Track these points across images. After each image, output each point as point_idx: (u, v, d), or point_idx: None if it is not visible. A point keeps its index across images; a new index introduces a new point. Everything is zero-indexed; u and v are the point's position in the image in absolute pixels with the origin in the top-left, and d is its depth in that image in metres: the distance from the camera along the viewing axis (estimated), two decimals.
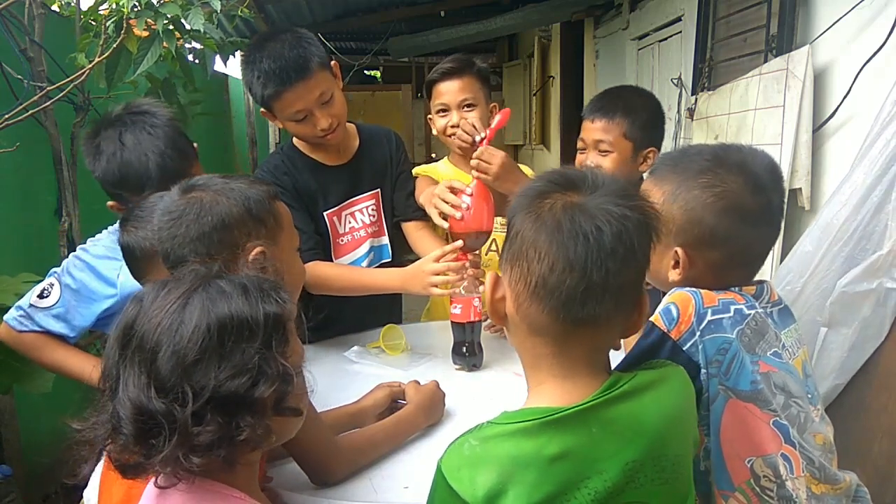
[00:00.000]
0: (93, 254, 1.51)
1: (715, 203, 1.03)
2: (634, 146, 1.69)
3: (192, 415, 0.75)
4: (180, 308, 0.79)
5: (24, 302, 1.51)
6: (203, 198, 1.06)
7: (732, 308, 1.01)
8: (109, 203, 1.54)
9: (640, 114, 1.70)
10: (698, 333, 0.99)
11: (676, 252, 1.06)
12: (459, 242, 1.57)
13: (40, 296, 1.49)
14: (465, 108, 1.88)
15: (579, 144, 1.78)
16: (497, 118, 1.63)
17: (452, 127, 1.87)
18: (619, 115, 1.68)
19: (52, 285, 1.49)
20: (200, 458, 0.76)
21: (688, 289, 1.03)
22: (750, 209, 1.04)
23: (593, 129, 1.71)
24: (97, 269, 1.49)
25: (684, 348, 0.99)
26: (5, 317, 1.51)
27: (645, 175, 1.63)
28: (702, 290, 1.02)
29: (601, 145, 1.70)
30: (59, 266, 1.54)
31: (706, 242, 1.05)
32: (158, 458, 0.75)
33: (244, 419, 0.78)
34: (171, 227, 1.05)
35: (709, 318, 0.99)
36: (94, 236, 1.58)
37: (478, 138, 1.65)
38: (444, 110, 1.90)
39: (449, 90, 1.88)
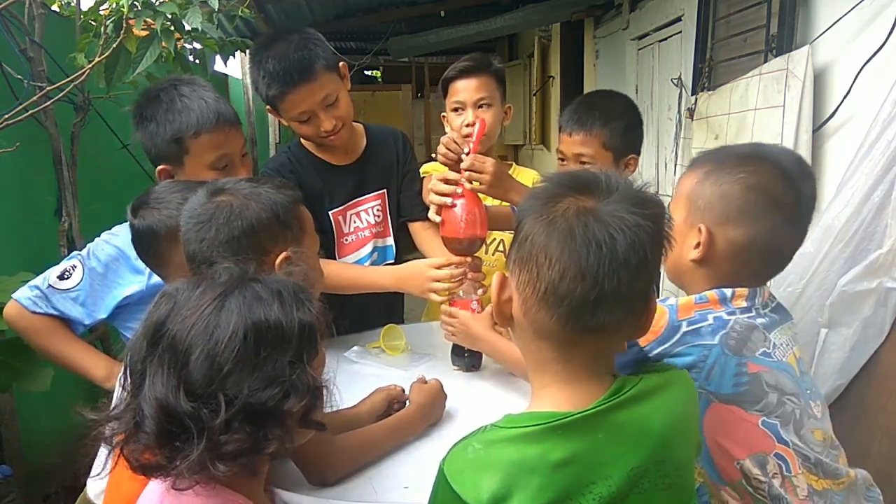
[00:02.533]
0: (123, 238, 1.48)
1: (747, 181, 1.07)
2: (614, 155, 1.67)
3: (222, 422, 0.74)
4: (216, 310, 0.78)
5: (39, 282, 1.46)
6: (233, 202, 1.07)
7: (711, 317, 1.04)
8: (160, 168, 1.53)
9: (617, 122, 1.67)
10: (668, 344, 1.03)
11: (700, 229, 1.08)
12: (467, 259, 1.57)
13: (61, 277, 1.45)
14: (481, 108, 1.87)
15: (559, 156, 1.77)
16: (475, 129, 1.61)
17: (467, 126, 1.86)
18: (597, 127, 1.66)
19: (74, 267, 1.46)
20: (227, 465, 0.75)
21: (667, 303, 1.06)
22: (780, 197, 1.06)
23: (572, 143, 1.69)
24: (126, 254, 1.46)
25: (650, 355, 1.04)
26: (16, 295, 1.47)
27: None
28: (679, 302, 1.06)
29: (582, 158, 1.68)
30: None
31: (732, 219, 1.08)
32: (185, 462, 0.74)
33: (272, 431, 0.77)
34: (200, 229, 1.06)
35: (684, 329, 1.03)
36: (110, 229, 1.56)
37: (463, 154, 1.62)
38: (459, 108, 1.89)
39: (466, 88, 1.87)
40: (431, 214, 1.64)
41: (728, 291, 1.07)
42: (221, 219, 1.06)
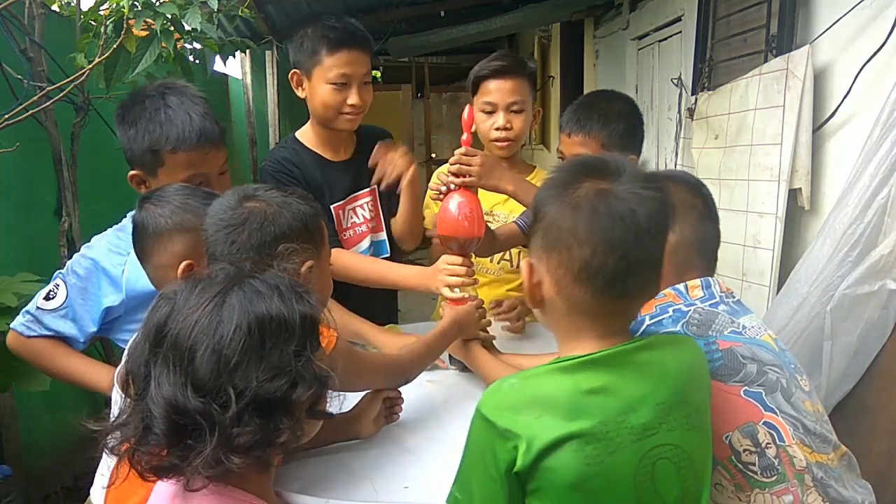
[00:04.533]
0: (98, 249, 1.50)
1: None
2: None
3: (233, 415, 0.75)
4: (217, 307, 0.79)
5: (30, 307, 1.49)
6: (266, 209, 1.11)
7: (671, 309, 1.11)
8: (132, 173, 1.51)
9: (616, 124, 1.68)
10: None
11: None
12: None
13: (46, 298, 1.47)
14: (513, 111, 1.84)
15: (559, 156, 1.77)
16: (464, 115, 1.56)
17: (497, 129, 1.84)
18: (595, 129, 1.67)
19: (57, 286, 1.48)
20: (241, 458, 0.76)
21: None
22: (691, 202, 1.19)
23: (571, 144, 1.70)
24: (101, 265, 1.47)
25: None
26: (12, 324, 1.50)
27: None
28: None
29: None
30: (62, 268, 1.53)
31: None
32: (199, 459, 0.74)
33: (282, 421, 0.78)
34: (231, 232, 1.09)
35: (647, 323, 1.10)
36: (99, 234, 1.56)
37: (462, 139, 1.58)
38: (490, 111, 1.85)
39: (500, 89, 1.83)
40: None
41: (681, 286, 1.14)
42: (255, 224, 1.09)
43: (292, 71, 1.79)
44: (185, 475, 0.78)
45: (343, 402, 0.95)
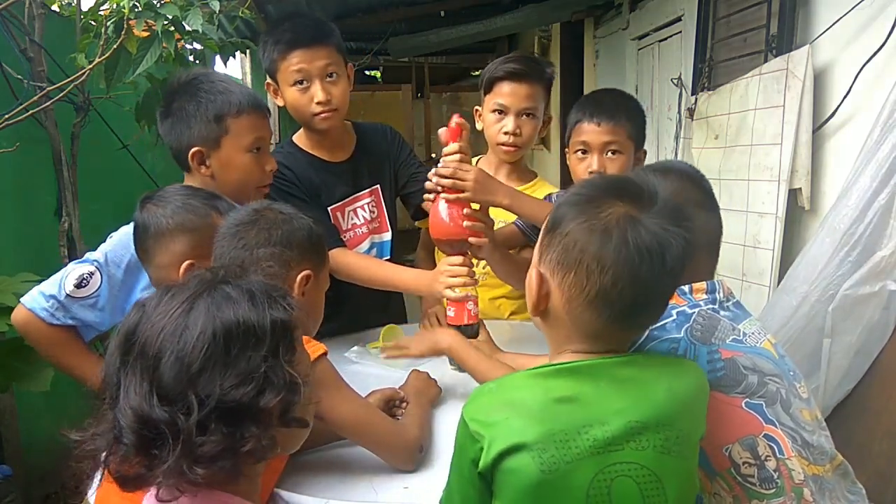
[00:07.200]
0: None
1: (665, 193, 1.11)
2: (634, 148, 1.71)
3: (196, 424, 0.73)
4: (184, 313, 0.77)
5: (54, 291, 1.40)
6: (277, 216, 1.18)
7: (674, 312, 1.08)
8: (194, 150, 1.50)
9: (637, 116, 1.71)
10: (639, 341, 1.08)
11: None
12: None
13: (78, 285, 1.40)
14: (524, 116, 1.82)
15: (579, 147, 1.72)
16: (451, 123, 1.51)
17: (505, 134, 1.82)
18: (623, 118, 1.68)
19: (91, 274, 1.41)
20: (204, 469, 0.73)
21: None
22: (696, 198, 1.15)
23: (600, 132, 1.68)
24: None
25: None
26: (28, 303, 1.41)
27: None
28: None
29: (612, 146, 1.68)
30: (61, 266, 1.50)
31: None
32: (161, 469, 0.72)
33: (249, 429, 0.76)
34: (240, 230, 1.15)
35: (650, 326, 1.07)
36: (117, 229, 1.51)
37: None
38: (500, 112, 1.83)
39: (514, 93, 1.80)
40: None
41: (685, 287, 1.11)
42: (264, 225, 1.15)
43: (266, 82, 1.78)
44: (152, 486, 0.76)
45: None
